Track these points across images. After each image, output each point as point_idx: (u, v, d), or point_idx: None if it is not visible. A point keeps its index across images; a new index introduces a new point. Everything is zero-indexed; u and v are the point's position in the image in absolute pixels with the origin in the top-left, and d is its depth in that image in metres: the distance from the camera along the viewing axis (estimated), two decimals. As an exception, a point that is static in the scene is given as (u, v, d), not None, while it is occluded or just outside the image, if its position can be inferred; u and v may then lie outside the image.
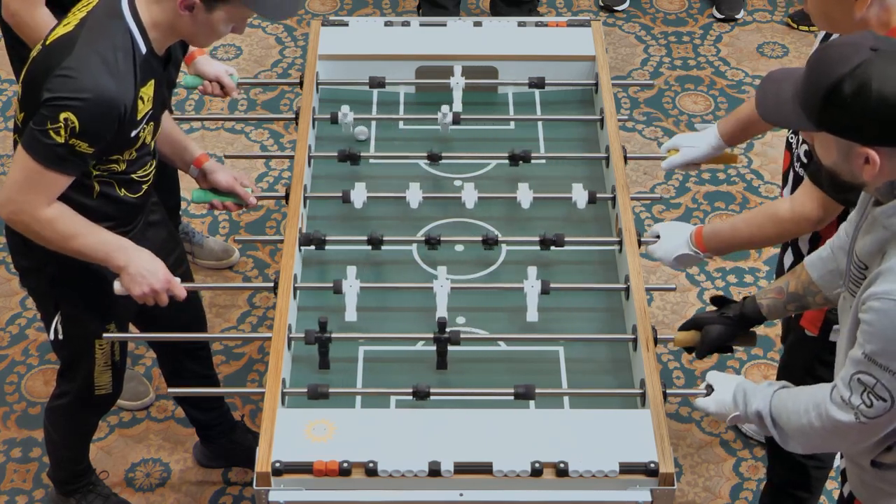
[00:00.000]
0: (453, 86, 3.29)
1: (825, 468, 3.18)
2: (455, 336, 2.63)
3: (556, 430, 2.46)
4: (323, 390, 2.55)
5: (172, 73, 2.78)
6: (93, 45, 2.52)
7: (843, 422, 2.17)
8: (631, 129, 4.67)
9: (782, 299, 2.55)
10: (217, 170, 3.01)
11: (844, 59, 2.04)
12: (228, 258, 4.14)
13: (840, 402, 2.17)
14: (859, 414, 2.14)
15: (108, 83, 2.49)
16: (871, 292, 2.09)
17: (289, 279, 2.76)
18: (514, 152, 3.11)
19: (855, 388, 2.14)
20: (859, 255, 2.21)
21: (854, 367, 2.14)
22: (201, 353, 3.32)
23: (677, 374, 3.83)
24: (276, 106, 4.79)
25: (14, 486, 3.53)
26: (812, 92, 2.07)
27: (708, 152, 3.06)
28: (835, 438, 2.24)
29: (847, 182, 2.13)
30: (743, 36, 5.15)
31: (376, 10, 5.28)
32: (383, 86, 3.32)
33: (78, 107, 2.47)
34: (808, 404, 2.24)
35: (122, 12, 2.56)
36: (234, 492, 3.52)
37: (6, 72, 4.91)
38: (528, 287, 2.75)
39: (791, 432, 2.29)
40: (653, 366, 2.59)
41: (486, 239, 2.88)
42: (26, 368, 3.85)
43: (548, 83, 3.36)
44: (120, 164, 2.68)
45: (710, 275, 4.15)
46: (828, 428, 2.21)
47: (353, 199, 2.98)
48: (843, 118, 2.04)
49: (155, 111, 2.69)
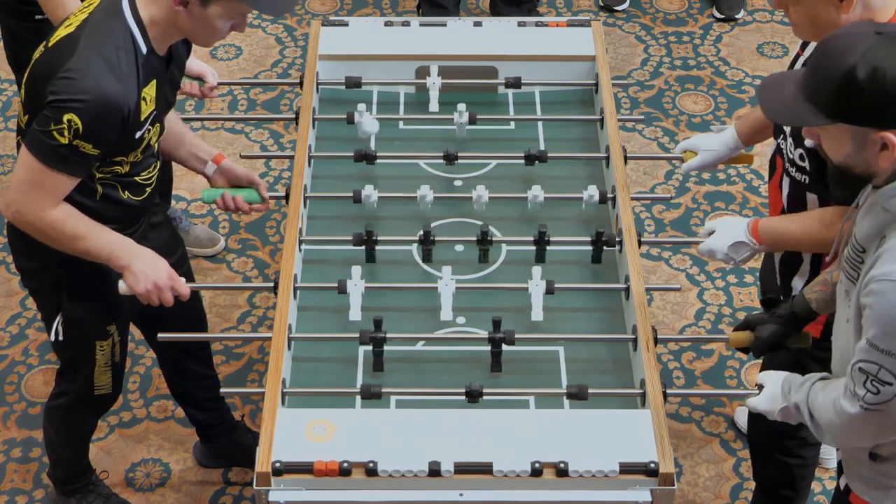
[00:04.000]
0: (430, 85, 3.29)
1: (808, 466, 3.17)
2: (510, 336, 2.65)
3: (556, 430, 2.46)
4: (376, 390, 2.55)
5: (175, 73, 2.78)
6: (95, 45, 2.52)
7: (852, 414, 2.18)
8: (631, 129, 4.67)
9: (828, 290, 2.53)
10: (235, 165, 3.02)
11: (851, 47, 2.05)
12: (214, 246, 4.17)
13: (849, 395, 2.18)
14: (865, 404, 2.14)
15: (111, 84, 2.50)
16: (871, 275, 2.10)
17: (289, 279, 2.76)
18: (530, 152, 3.11)
19: (857, 377, 2.15)
20: (858, 239, 2.21)
21: (856, 356, 2.15)
22: (201, 354, 3.32)
23: (677, 374, 3.83)
24: (276, 106, 4.79)
25: (14, 486, 3.53)
26: (822, 85, 2.07)
27: (726, 153, 3.05)
28: (853, 433, 2.24)
29: (860, 175, 2.13)
30: (743, 36, 5.15)
31: (376, 10, 5.28)
32: (359, 86, 3.32)
33: (81, 108, 2.47)
34: (830, 399, 2.25)
35: (123, 12, 2.56)
36: (234, 492, 3.52)
37: (6, 72, 4.91)
38: (533, 287, 2.75)
39: (823, 426, 2.29)
40: (653, 366, 2.59)
41: (483, 239, 2.88)
42: (26, 368, 3.85)
43: (548, 83, 3.36)
44: (124, 167, 2.68)
45: (710, 275, 4.15)
46: (845, 422, 2.21)
47: (363, 198, 2.98)
48: (861, 104, 2.04)
49: (159, 112, 2.69)
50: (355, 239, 2.88)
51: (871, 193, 2.18)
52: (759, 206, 4.38)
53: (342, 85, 3.35)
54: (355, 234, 2.89)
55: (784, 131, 2.73)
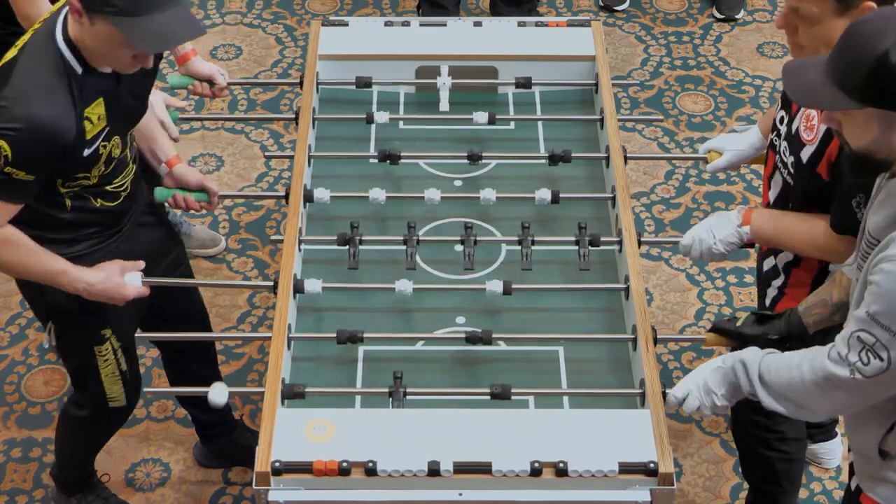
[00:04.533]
0: (440, 86, 3.29)
1: (793, 461, 3.16)
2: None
3: (556, 430, 2.46)
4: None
5: (132, 84, 2.67)
6: (29, 71, 2.48)
7: (836, 374, 2.18)
8: (631, 129, 4.67)
9: (827, 312, 2.54)
10: (187, 171, 2.98)
11: (883, 31, 2.05)
12: (216, 246, 4.18)
13: (837, 358, 2.18)
14: (854, 370, 2.15)
15: (43, 111, 2.45)
16: (883, 255, 2.10)
17: (289, 279, 2.76)
18: (554, 152, 3.11)
19: (853, 345, 2.15)
20: (871, 231, 2.21)
21: (855, 325, 2.15)
22: (206, 356, 3.32)
23: (677, 374, 3.83)
24: (276, 106, 4.79)
25: (14, 486, 3.53)
26: (853, 69, 2.06)
27: (751, 153, 3.05)
28: (821, 393, 2.24)
29: (880, 161, 2.13)
30: (743, 36, 5.15)
31: (376, 10, 5.28)
32: (370, 85, 3.32)
33: (11, 136, 2.43)
34: (802, 359, 2.26)
35: (55, 34, 2.50)
36: (234, 492, 3.52)
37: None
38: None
39: (776, 386, 2.29)
40: (652, 366, 2.59)
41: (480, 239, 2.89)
42: (26, 368, 3.85)
43: (548, 83, 3.36)
44: (91, 179, 2.65)
45: (710, 275, 4.15)
46: (818, 381, 2.21)
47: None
48: (893, 89, 2.03)
49: (114, 127, 2.63)
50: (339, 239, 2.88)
51: (886, 185, 2.18)
52: (759, 207, 4.37)
53: (350, 85, 3.34)
54: (339, 233, 2.88)
55: (780, 131, 2.73)
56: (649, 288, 4.09)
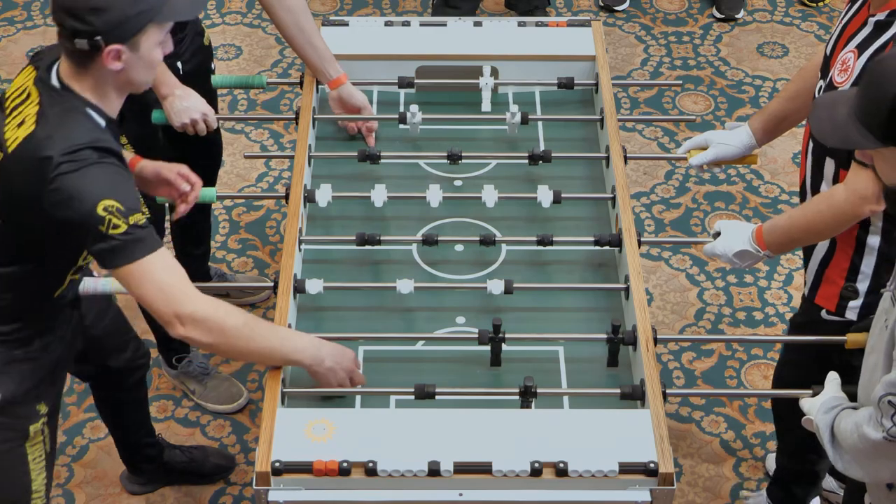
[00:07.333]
0: (482, 86, 3.30)
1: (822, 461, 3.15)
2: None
3: (556, 430, 2.46)
4: (430, 390, 2.54)
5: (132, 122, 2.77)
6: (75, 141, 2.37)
7: (874, 440, 2.15)
8: (631, 129, 4.67)
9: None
10: (354, 93, 3.19)
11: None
12: (257, 294, 4.05)
13: (874, 423, 2.15)
14: (888, 435, 2.12)
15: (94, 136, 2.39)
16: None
17: (289, 279, 2.76)
18: (535, 152, 3.11)
19: (885, 409, 2.12)
20: None
21: (884, 389, 2.12)
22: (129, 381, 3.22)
23: (677, 374, 3.83)
24: (276, 106, 4.79)
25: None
26: (875, 108, 2.05)
27: (741, 151, 3.04)
28: (873, 460, 2.21)
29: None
30: (743, 36, 5.15)
31: (376, 10, 5.29)
32: (412, 86, 3.32)
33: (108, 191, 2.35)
34: (854, 424, 2.22)
35: (73, 102, 2.41)
36: (234, 492, 3.52)
37: (6, 72, 4.91)
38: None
39: (847, 450, 2.27)
40: (653, 366, 2.59)
41: (484, 239, 2.89)
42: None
43: (548, 83, 3.36)
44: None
45: (710, 275, 4.15)
46: (867, 448, 2.19)
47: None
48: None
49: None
50: (358, 239, 2.89)
51: None
52: (759, 206, 4.38)
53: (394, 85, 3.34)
54: (358, 233, 2.89)
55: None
56: (649, 288, 4.09)
